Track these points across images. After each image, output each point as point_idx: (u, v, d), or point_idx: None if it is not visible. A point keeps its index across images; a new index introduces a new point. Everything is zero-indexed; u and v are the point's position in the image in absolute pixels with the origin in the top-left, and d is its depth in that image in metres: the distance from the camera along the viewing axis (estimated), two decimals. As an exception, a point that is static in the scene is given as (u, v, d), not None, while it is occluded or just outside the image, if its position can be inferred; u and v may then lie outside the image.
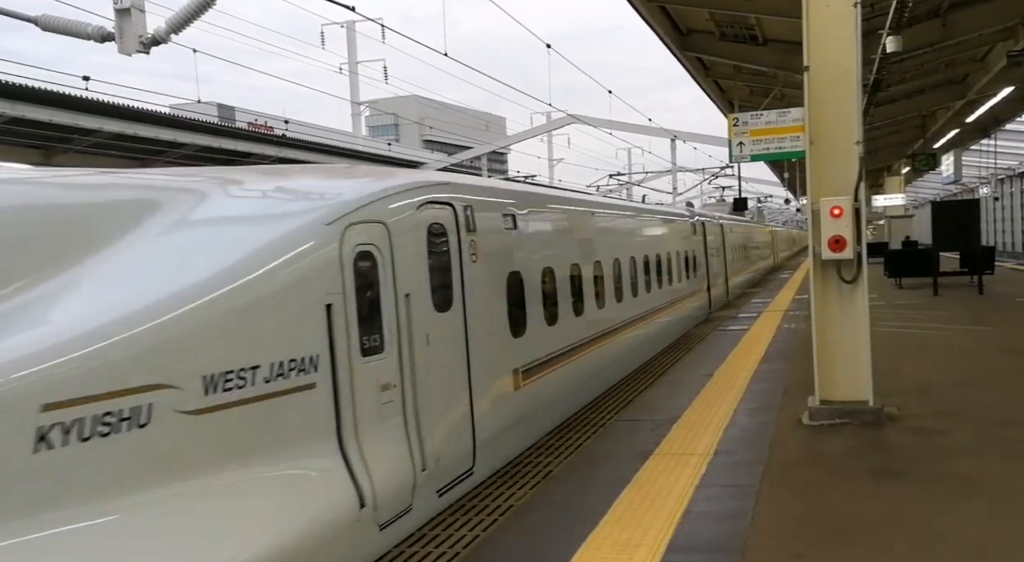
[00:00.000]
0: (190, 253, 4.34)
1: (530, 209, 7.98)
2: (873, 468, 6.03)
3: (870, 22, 12.80)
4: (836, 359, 7.53)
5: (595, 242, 10.13)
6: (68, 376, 3.45)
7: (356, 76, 27.02)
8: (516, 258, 7.44)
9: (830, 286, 7.60)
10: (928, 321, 14.19)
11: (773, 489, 5.65)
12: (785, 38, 16.85)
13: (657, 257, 13.67)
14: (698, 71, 20.84)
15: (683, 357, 12.01)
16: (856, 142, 7.37)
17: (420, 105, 64.68)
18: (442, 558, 4.86)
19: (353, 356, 4.79)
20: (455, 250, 6.14)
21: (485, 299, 6.59)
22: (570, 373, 8.57)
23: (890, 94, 21.10)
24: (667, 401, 8.79)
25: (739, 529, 4.94)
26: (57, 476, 3.38)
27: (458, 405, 6.04)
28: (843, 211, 7.34)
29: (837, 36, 7.40)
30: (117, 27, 8.43)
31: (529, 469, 6.70)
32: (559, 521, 5.27)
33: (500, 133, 70.50)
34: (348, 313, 4.78)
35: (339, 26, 28.02)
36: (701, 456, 6.54)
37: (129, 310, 3.81)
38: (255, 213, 4.97)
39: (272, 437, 4.32)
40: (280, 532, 4.13)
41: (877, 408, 7.38)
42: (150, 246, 4.27)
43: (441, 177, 7.06)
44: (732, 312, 18.82)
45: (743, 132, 8.73)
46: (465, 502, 5.92)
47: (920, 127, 30.38)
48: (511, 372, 7.10)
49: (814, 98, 7.46)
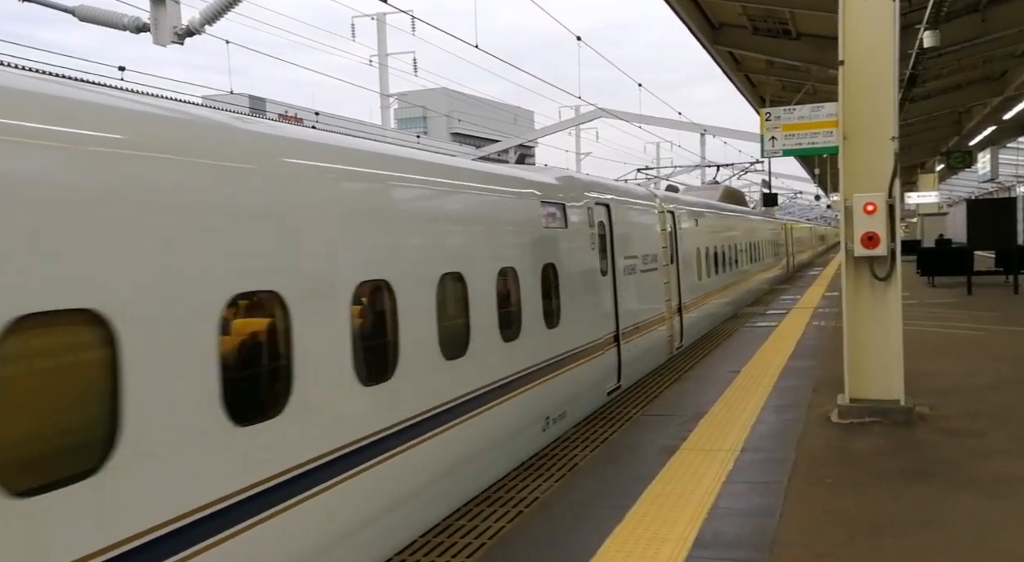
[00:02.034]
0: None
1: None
2: (904, 468, 5.96)
3: (907, 16, 12.58)
4: (867, 357, 7.44)
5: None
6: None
7: (386, 68, 27.10)
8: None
9: (862, 283, 7.50)
10: (962, 321, 13.97)
11: (802, 486, 5.61)
12: (819, 32, 16.61)
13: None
14: (729, 66, 20.63)
15: (710, 353, 11.94)
16: (891, 138, 7.26)
17: (449, 98, 64.79)
18: (468, 548, 4.88)
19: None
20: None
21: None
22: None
23: (925, 90, 20.73)
24: (694, 397, 8.75)
25: (767, 526, 4.91)
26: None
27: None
28: (877, 207, 7.25)
29: (874, 30, 7.29)
30: (152, 18, 8.54)
31: (555, 462, 6.71)
32: (585, 514, 5.27)
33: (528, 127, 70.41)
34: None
35: (369, 18, 28.13)
36: (728, 452, 6.50)
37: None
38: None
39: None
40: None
41: (908, 407, 7.29)
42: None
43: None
44: (761, 309, 18.65)
45: (775, 127, 8.64)
46: (490, 493, 5.94)
47: (956, 124, 29.83)
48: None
49: (849, 93, 7.36)
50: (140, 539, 3.25)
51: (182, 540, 3.44)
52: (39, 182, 3.07)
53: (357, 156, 5.29)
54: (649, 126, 30.27)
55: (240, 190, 4.04)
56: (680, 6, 15.47)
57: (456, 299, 6.00)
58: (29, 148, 3.07)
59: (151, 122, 3.76)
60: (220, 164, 3.95)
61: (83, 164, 3.26)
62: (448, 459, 5.67)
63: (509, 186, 7.35)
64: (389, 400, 5.06)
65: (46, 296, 3.00)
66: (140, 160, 3.50)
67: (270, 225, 4.20)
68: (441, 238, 5.91)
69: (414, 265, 5.46)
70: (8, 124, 3.04)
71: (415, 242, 5.57)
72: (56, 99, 3.38)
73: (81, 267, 3.16)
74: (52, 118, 3.22)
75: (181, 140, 3.81)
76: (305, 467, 4.25)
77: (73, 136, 3.26)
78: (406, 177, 5.70)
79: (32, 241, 2.99)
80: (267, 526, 3.95)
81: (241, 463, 3.85)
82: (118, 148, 3.43)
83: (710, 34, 17.71)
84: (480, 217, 6.63)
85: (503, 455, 6.51)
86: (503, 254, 6.85)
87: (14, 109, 3.11)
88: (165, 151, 3.64)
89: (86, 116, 3.42)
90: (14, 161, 2.99)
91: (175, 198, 3.62)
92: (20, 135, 3.06)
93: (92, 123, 3.41)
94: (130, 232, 3.37)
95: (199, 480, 3.60)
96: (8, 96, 3.17)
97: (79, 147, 3.27)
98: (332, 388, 4.58)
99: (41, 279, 3.00)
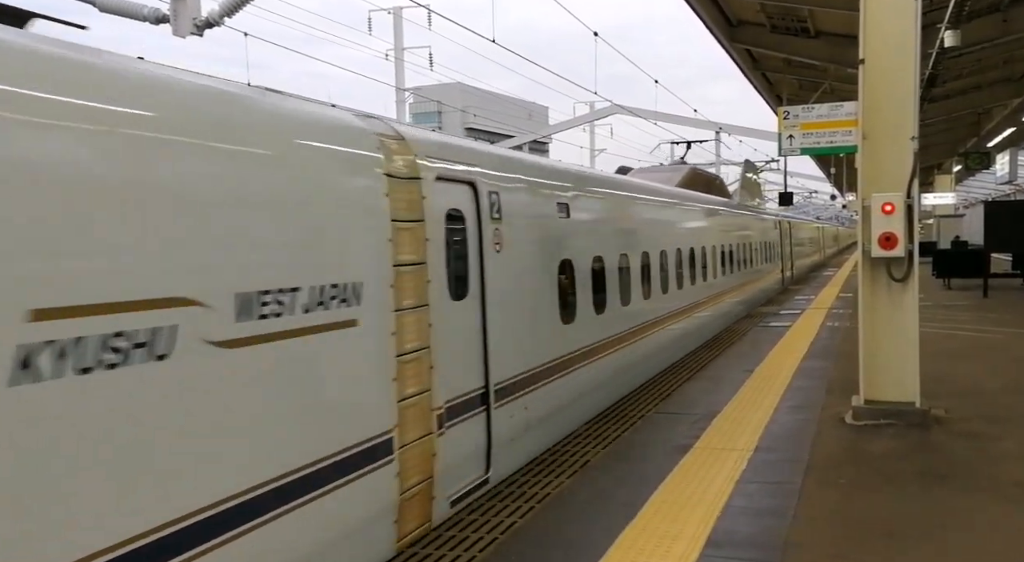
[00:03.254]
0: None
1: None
2: (919, 470, 5.92)
3: (928, 15, 12.47)
4: (883, 358, 7.39)
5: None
6: None
7: (401, 63, 27.11)
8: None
9: (879, 284, 7.45)
10: (978, 323, 13.86)
11: (815, 488, 5.58)
12: (838, 31, 16.52)
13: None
14: (747, 64, 20.53)
15: (723, 352, 11.89)
16: (911, 137, 7.20)
17: (464, 93, 64.77)
18: (480, 542, 4.89)
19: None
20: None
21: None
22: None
23: (944, 90, 20.58)
24: (706, 396, 8.72)
25: (779, 526, 4.88)
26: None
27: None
28: (895, 208, 7.19)
29: (895, 29, 7.22)
30: (172, 9, 8.56)
31: (567, 458, 6.70)
32: (597, 510, 5.27)
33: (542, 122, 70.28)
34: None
35: (386, 12, 28.13)
36: (741, 452, 6.48)
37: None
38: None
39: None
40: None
41: (924, 410, 7.24)
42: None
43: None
44: (774, 308, 18.57)
45: (793, 125, 8.59)
46: (503, 488, 5.95)
47: (974, 124, 29.58)
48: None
49: (869, 92, 7.30)
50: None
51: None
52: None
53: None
54: (664, 123, 30.15)
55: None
56: (699, 3, 15.39)
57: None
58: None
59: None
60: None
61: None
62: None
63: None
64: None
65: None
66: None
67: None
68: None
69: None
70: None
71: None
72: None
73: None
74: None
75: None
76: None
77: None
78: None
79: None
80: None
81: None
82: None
83: (728, 31, 17.63)
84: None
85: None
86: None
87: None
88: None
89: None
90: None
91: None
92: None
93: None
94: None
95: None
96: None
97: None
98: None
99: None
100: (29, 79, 2.94)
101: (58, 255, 2.88)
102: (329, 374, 4.21)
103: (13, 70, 2.91)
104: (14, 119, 2.81)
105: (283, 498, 3.81)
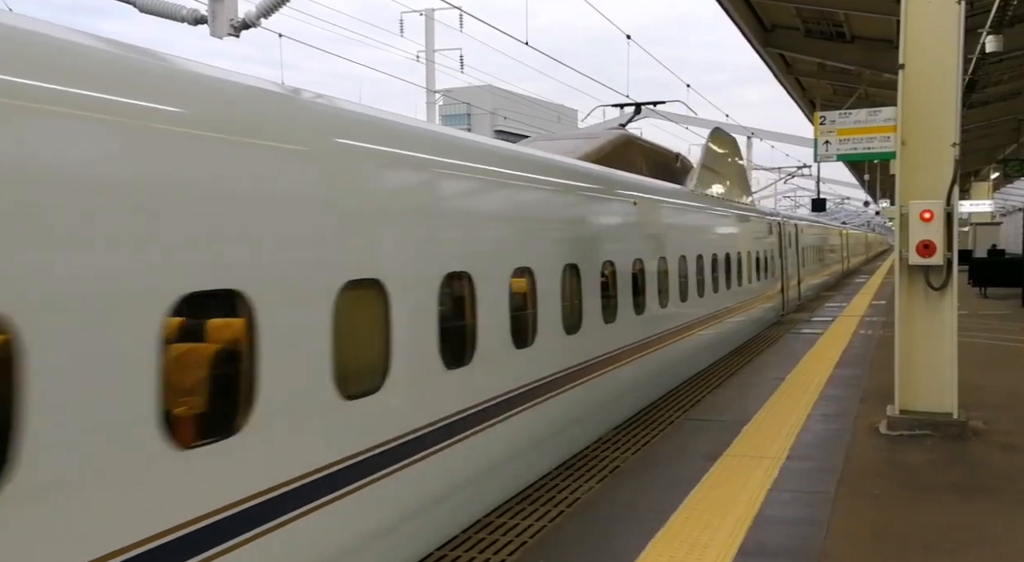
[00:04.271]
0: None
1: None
2: (957, 483, 5.80)
3: (969, 20, 12.25)
4: (919, 368, 7.27)
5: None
6: None
7: (432, 64, 27.21)
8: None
9: (916, 292, 7.33)
10: (1016, 333, 13.58)
11: (850, 498, 5.49)
12: (875, 35, 16.26)
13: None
14: (780, 68, 20.31)
15: (753, 359, 11.76)
16: (952, 144, 7.08)
17: (494, 95, 64.90)
18: (509, 546, 4.87)
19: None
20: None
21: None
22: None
23: (984, 96, 20.19)
24: (737, 403, 8.63)
25: (813, 536, 4.81)
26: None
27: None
28: (934, 215, 7.07)
29: (937, 34, 7.11)
30: (210, 10, 8.65)
31: (595, 463, 6.66)
32: (626, 516, 5.23)
33: (571, 125, 70.21)
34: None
35: (418, 14, 28.25)
36: (773, 460, 6.40)
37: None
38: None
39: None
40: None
41: (962, 421, 7.10)
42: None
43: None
44: (806, 315, 18.35)
45: (830, 131, 8.47)
46: (531, 492, 5.92)
47: (1015, 131, 28.97)
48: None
49: (908, 98, 7.18)
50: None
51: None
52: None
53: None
54: (695, 127, 29.95)
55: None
56: (733, 7, 15.27)
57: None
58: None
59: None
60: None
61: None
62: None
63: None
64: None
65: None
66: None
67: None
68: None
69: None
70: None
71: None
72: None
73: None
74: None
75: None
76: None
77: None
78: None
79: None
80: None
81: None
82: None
83: (762, 36, 17.46)
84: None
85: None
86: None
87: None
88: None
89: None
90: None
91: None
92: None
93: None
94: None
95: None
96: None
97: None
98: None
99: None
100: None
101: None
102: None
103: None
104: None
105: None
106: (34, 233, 2.70)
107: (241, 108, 3.79)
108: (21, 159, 2.68)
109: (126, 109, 3.08)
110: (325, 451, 3.96)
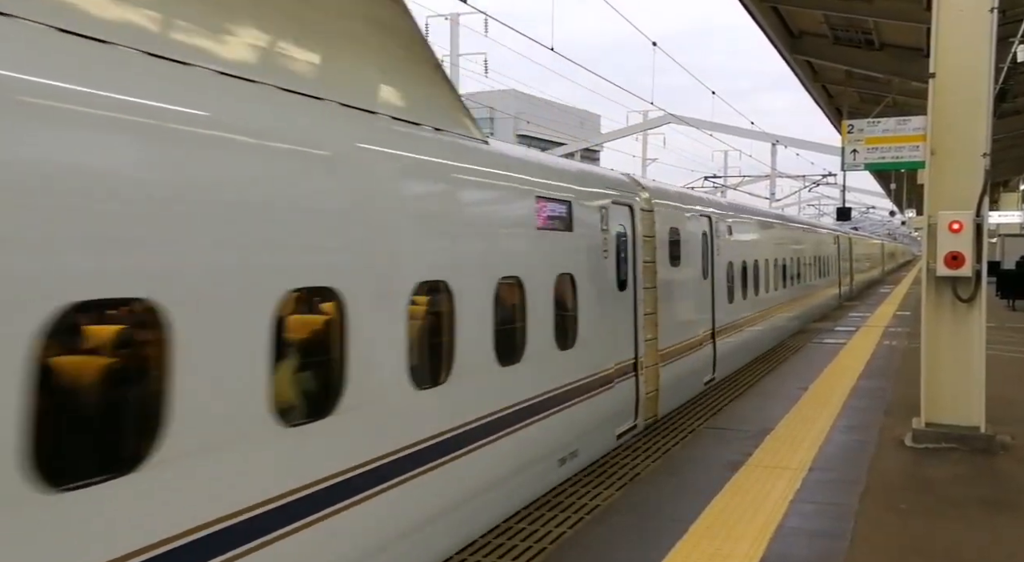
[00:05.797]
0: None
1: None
2: (984, 498, 5.71)
3: (1001, 28, 12.11)
4: (946, 380, 7.17)
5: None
6: None
7: (457, 69, 27.30)
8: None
9: (944, 304, 7.23)
10: (1044, 347, 13.37)
11: (874, 511, 5.42)
12: (904, 43, 16.10)
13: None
14: (807, 75, 20.19)
15: (776, 368, 11.67)
16: (983, 154, 6.98)
17: (517, 100, 64.99)
18: (528, 552, 4.86)
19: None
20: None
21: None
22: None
23: (1014, 105, 19.93)
24: (758, 412, 8.56)
25: (837, 549, 4.75)
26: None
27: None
28: (963, 226, 6.98)
29: (969, 42, 7.02)
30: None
31: (616, 470, 6.63)
32: (646, 525, 5.20)
33: (594, 131, 70.13)
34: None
35: (443, 18, 28.37)
36: (795, 471, 6.33)
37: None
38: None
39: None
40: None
41: (989, 435, 6.99)
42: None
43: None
44: (829, 325, 18.18)
45: (858, 139, 8.37)
46: (551, 498, 5.91)
47: (1044, 141, 28.59)
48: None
49: (938, 107, 7.10)
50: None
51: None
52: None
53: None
54: (719, 134, 29.80)
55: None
56: (760, 14, 15.20)
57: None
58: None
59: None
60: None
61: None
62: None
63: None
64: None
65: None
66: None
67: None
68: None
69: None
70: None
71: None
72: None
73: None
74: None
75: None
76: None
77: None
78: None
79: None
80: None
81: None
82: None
83: (789, 43, 17.36)
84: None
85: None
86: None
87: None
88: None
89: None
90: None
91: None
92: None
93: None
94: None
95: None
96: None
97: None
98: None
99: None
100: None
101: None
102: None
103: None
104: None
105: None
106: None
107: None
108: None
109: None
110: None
